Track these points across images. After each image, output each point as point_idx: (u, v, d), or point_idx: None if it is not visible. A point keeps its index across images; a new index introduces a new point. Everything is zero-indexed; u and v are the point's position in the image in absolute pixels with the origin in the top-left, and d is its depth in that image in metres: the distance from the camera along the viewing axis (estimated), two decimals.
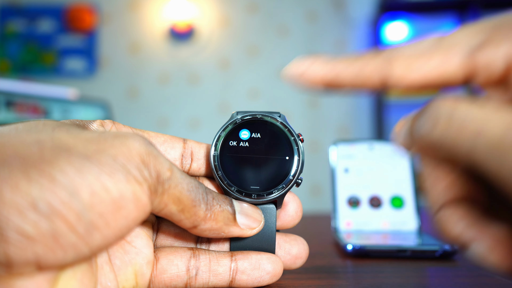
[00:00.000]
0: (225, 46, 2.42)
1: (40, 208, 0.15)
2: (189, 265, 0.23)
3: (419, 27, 2.35)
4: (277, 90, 2.39)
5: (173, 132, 2.35)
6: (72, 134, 0.18)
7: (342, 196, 0.47)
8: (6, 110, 0.72)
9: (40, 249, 0.15)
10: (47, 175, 0.16)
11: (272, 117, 0.26)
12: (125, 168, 0.17)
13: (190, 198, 0.21)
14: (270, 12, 2.42)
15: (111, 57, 2.43)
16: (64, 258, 0.16)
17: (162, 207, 0.20)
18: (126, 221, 0.18)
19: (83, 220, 0.16)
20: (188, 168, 0.26)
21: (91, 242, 0.17)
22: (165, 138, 0.25)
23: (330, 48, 2.39)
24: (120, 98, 2.38)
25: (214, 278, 0.24)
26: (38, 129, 0.19)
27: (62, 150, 0.17)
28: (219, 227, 0.22)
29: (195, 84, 2.41)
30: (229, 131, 0.26)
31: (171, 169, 0.20)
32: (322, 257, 0.36)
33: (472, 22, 0.17)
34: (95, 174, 0.16)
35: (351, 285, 0.28)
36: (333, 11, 2.41)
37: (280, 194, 0.25)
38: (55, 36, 2.42)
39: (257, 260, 0.24)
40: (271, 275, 0.25)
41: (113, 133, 0.19)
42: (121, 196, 0.17)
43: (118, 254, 0.22)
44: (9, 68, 2.39)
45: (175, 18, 2.38)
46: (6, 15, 2.42)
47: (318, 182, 2.29)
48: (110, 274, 0.21)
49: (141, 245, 0.23)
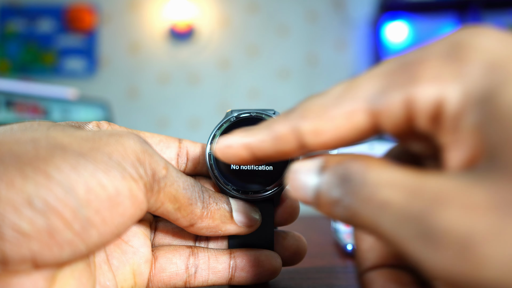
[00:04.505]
0: (225, 46, 2.42)
1: (35, 205, 0.15)
2: (188, 263, 0.23)
3: (419, 27, 2.35)
4: (277, 90, 2.39)
5: (173, 132, 2.35)
6: (67, 133, 0.18)
7: None
8: (6, 110, 0.72)
9: (36, 246, 0.15)
10: (43, 172, 0.16)
11: (266, 114, 0.26)
12: (121, 165, 0.17)
13: (186, 196, 0.21)
14: (270, 12, 2.42)
15: (111, 57, 2.43)
16: (61, 255, 0.16)
17: (159, 205, 0.20)
18: (123, 218, 0.18)
19: (79, 217, 0.16)
20: (184, 168, 0.26)
21: (88, 239, 0.16)
22: (160, 138, 0.25)
23: (330, 48, 2.39)
24: (120, 98, 2.38)
25: (214, 275, 0.24)
26: (33, 129, 0.19)
27: (57, 148, 0.17)
28: (216, 225, 0.22)
29: (195, 84, 2.42)
30: (224, 129, 0.26)
31: (166, 167, 0.20)
32: (322, 257, 0.36)
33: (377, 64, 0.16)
34: (91, 171, 0.16)
35: (351, 285, 0.28)
36: (333, 11, 2.41)
37: (277, 191, 0.25)
38: (55, 36, 2.42)
39: (256, 257, 0.24)
40: (270, 272, 0.25)
41: (108, 131, 0.19)
42: (117, 192, 0.17)
43: (116, 253, 0.22)
44: (9, 68, 2.39)
45: (175, 18, 2.38)
46: (6, 15, 2.42)
47: None
48: (108, 274, 0.21)
49: (139, 244, 0.23)
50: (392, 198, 0.12)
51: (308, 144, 0.16)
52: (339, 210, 0.14)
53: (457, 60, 0.13)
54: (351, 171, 0.14)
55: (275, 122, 0.17)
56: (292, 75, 2.40)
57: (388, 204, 0.12)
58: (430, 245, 0.11)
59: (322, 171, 0.15)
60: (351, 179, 0.14)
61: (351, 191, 0.13)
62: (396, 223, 0.12)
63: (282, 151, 0.17)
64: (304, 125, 0.16)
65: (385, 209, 0.12)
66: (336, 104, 0.15)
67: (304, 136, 0.16)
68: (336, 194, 0.14)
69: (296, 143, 0.16)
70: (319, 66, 2.40)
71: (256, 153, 0.18)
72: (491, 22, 2.25)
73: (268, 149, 0.17)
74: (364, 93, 0.15)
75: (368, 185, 0.13)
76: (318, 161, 0.15)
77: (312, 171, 0.15)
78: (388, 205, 0.12)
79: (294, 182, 0.16)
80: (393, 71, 0.14)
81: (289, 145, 0.16)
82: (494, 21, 2.25)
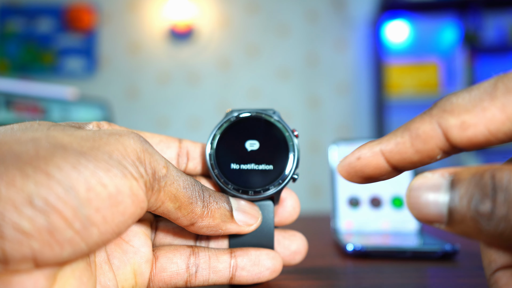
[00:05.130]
0: (225, 46, 2.42)
1: (36, 204, 0.15)
2: (188, 262, 0.23)
3: (419, 26, 2.35)
4: (277, 90, 2.39)
5: (173, 132, 2.35)
6: (67, 132, 0.18)
7: (342, 196, 0.47)
8: (6, 110, 0.71)
9: (37, 245, 0.15)
10: (43, 172, 0.15)
11: (266, 114, 0.26)
12: (121, 164, 0.17)
13: (187, 195, 0.21)
14: (270, 12, 2.42)
15: (111, 57, 2.43)
16: (61, 254, 0.16)
17: (159, 204, 0.20)
18: (123, 217, 0.17)
19: (80, 216, 0.16)
20: (185, 168, 0.26)
21: (88, 238, 0.16)
22: (160, 138, 0.26)
23: (330, 48, 2.39)
24: (119, 98, 2.38)
25: (214, 275, 0.24)
26: (33, 129, 0.19)
27: (57, 147, 0.17)
28: (217, 224, 0.22)
29: (195, 84, 2.42)
30: (224, 129, 0.26)
31: (166, 166, 0.20)
32: (322, 258, 0.36)
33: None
34: (91, 169, 0.16)
35: (351, 285, 0.28)
36: (333, 11, 2.41)
37: (277, 190, 0.25)
38: (54, 35, 2.42)
39: (257, 256, 0.24)
40: (271, 271, 0.25)
41: (108, 131, 0.19)
42: (118, 191, 0.17)
43: (117, 253, 0.22)
44: (8, 67, 2.39)
45: (175, 18, 2.38)
46: (5, 14, 2.42)
47: (318, 182, 2.29)
48: (109, 273, 0.21)
49: (139, 244, 0.23)
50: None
51: (454, 140, 0.15)
52: (492, 223, 0.13)
53: None
54: (501, 179, 0.13)
55: (413, 122, 0.16)
56: (292, 75, 2.40)
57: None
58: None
59: (454, 185, 0.14)
60: (506, 188, 0.13)
61: (509, 202, 0.13)
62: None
63: (425, 152, 0.16)
64: (449, 119, 0.15)
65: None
66: (489, 96, 0.15)
67: (450, 131, 0.15)
68: (486, 208, 0.13)
69: (440, 141, 0.15)
70: (319, 66, 2.40)
71: (393, 158, 0.17)
72: (491, 22, 2.25)
73: (407, 151, 0.16)
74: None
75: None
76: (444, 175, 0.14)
77: (441, 187, 0.14)
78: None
79: (418, 201, 0.15)
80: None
81: (432, 143, 0.16)
82: (494, 21, 2.25)
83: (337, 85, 2.39)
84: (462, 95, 0.15)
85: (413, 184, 0.15)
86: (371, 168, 0.18)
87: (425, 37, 2.35)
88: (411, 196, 0.15)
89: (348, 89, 2.39)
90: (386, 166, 0.17)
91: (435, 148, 0.16)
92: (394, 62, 2.30)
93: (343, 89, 2.39)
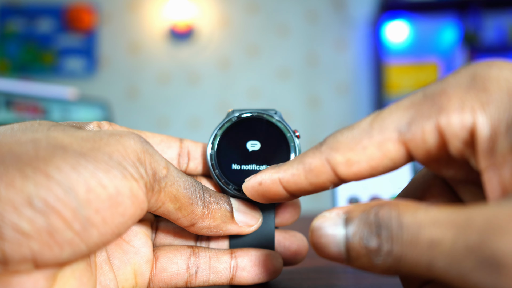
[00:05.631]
0: (225, 46, 2.42)
1: (35, 205, 0.15)
2: (189, 263, 0.23)
3: (419, 26, 2.35)
4: (277, 90, 2.39)
5: (173, 132, 2.35)
6: (67, 133, 0.18)
7: (342, 196, 0.47)
8: (6, 110, 0.71)
9: (36, 246, 0.15)
10: (43, 172, 0.15)
11: (268, 114, 0.26)
12: (121, 165, 0.17)
13: (187, 196, 0.21)
14: (270, 12, 2.42)
15: (111, 57, 2.43)
16: (61, 255, 0.16)
17: (159, 205, 0.20)
18: (123, 218, 0.17)
19: (79, 217, 0.16)
20: (186, 168, 0.26)
21: (88, 239, 0.16)
22: (161, 138, 0.25)
23: (330, 48, 2.39)
24: (120, 98, 2.38)
25: (215, 275, 0.24)
26: (33, 129, 0.19)
27: (57, 148, 0.17)
28: (217, 224, 0.22)
29: (195, 84, 2.42)
30: (225, 129, 0.26)
31: (167, 167, 0.20)
32: (322, 258, 0.36)
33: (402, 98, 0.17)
34: (91, 171, 0.16)
35: (351, 285, 0.28)
36: (333, 11, 2.41)
37: None
38: (54, 35, 2.42)
39: (257, 257, 0.24)
40: (272, 272, 0.25)
41: (109, 131, 0.19)
42: (118, 192, 0.17)
43: (117, 253, 0.22)
44: (8, 68, 2.39)
45: (175, 18, 2.38)
46: (5, 14, 2.42)
47: None
48: (109, 274, 0.21)
49: (140, 244, 0.23)
50: (441, 236, 0.12)
51: (342, 175, 0.17)
52: (381, 259, 0.14)
53: (481, 90, 0.15)
54: (383, 217, 0.14)
55: (306, 156, 0.18)
56: (292, 75, 2.40)
57: (438, 243, 0.12)
58: (495, 272, 0.11)
59: (347, 223, 0.15)
60: (387, 225, 0.14)
61: (391, 237, 0.13)
62: (452, 259, 0.12)
63: (316, 183, 0.18)
64: (336, 156, 0.17)
65: (436, 247, 0.12)
66: (367, 136, 0.16)
67: (337, 168, 0.17)
68: (373, 244, 0.14)
69: (329, 175, 0.17)
70: (319, 66, 2.40)
71: (290, 187, 0.18)
72: (491, 22, 2.25)
73: (302, 182, 0.18)
74: (393, 124, 0.16)
75: (408, 228, 0.13)
76: (339, 213, 0.15)
77: (337, 225, 0.15)
78: (439, 244, 0.12)
79: (320, 240, 0.15)
80: (419, 103, 0.16)
81: (323, 177, 0.17)
82: (494, 21, 2.25)
83: (337, 85, 2.39)
84: (345, 134, 0.17)
85: (314, 224, 0.16)
86: (271, 193, 0.19)
87: (425, 37, 2.35)
88: (314, 235, 0.16)
89: (348, 89, 2.39)
90: (284, 193, 0.19)
91: (326, 181, 0.17)
92: (394, 62, 2.30)
93: (343, 89, 2.39)
